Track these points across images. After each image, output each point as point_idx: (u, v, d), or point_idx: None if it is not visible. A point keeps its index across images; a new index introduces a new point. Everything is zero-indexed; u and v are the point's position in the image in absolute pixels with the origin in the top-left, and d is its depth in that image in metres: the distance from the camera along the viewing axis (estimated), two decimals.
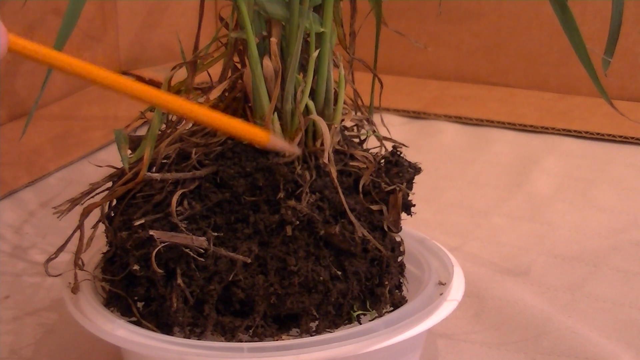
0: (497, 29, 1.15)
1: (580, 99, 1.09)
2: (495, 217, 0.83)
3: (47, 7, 1.02)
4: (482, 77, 1.17)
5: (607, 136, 0.99)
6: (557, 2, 0.55)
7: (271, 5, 0.54)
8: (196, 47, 0.61)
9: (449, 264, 0.59)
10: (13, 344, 0.63)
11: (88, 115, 1.07)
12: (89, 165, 0.90)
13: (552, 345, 0.62)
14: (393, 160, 0.58)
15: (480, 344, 0.63)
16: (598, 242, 0.77)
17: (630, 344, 0.62)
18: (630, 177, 0.90)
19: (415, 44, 1.00)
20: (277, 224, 0.53)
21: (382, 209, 0.56)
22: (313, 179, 0.53)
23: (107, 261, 0.56)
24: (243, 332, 0.52)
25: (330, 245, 0.53)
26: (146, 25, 1.21)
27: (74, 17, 0.53)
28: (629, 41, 1.06)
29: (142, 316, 0.54)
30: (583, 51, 0.56)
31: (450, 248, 0.65)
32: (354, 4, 0.62)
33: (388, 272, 0.55)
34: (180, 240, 0.51)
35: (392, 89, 0.82)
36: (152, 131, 0.55)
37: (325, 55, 0.55)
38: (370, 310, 0.54)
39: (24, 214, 0.83)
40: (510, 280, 0.71)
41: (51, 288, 0.70)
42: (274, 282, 0.52)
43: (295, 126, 0.54)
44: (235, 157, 0.55)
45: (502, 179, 0.91)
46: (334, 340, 0.50)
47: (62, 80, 1.09)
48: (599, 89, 0.57)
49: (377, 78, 0.63)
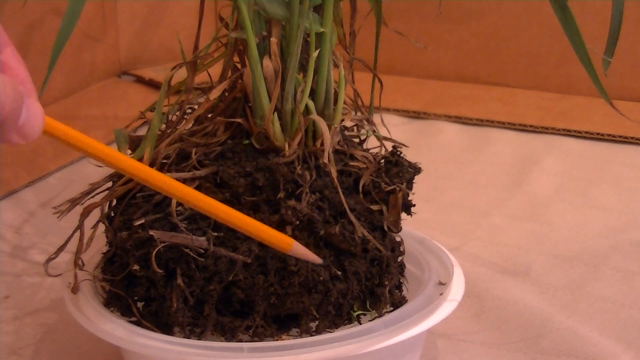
0: (497, 29, 1.15)
1: (580, 99, 1.09)
2: (495, 217, 0.83)
3: (47, 7, 1.02)
4: (482, 77, 1.17)
5: (607, 136, 0.99)
6: (557, 2, 0.55)
7: (271, 5, 0.54)
8: (196, 47, 0.61)
9: (449, 264, 0.59)
10: (13, 344, 0.63)
11: (88, 115, 1.07)
12: (89, 165, 0.89)
13: (552, 345, 0.62)
14: (393, 160, 0.58)
15: (480, 344, 0.63)
16: (598, 242, 0.77)
17: (630, 344, 0.62)
18: (630, 177, 0.90)
19: (415, 44, 1.00)
20: (277, 224, 0.53)
21: (382, 209, 0.56)
22: (313, 179, 0.53)
23: (107, 261, 0.56)
24: (243, 332, 0.52)
25: (330, 245, 0.53)
26: (146, 25, 1.21)
27: (74, 17, 0.53)
28: (629, 41, 1.06)
29: (142, 316, 0.54)
30: (583, 51, 0.56)
31: (450, 248, 0.65)
32: (354, 4, 0.62)
33: (388, 272, 0.55)
34: (180, 240, 0.51)
35: (392, 89, 0.82)
36: (152, 131, 0.55)
37: (325, 55, 0.55)
38: (370, 310, 0.54)
39: (24, 214, 0.83)
40: (510, 280, 0.71)
41: (51, 288, 0.70)
42: (274, 282, 0.52)
43: (295, 126, 0.54)
44: (235, 157, 0.55)
45: (502, 179, 0.91)
46: (334, 340, 0.50)
47: (62, 80, 1.09)
48: (599, 89, 0.57)
49: (377, 78, 0.63)
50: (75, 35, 1.08)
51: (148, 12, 1.20)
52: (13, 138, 0.41)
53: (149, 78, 1.17)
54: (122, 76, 1.20)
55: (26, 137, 0.41)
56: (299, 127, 0.54)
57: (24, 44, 1.00)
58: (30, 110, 0.41)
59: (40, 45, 1.02)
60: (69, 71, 1.10)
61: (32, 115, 0.42)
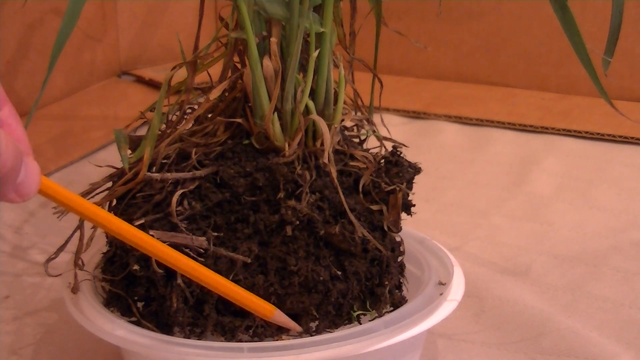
0: (497, 29, 1.15)
1: (580, 99, 1.09)
2: (495, 217, 0.83)
3: (47, 7, 1.03)
4: (482, 77, 1.17)
5: (607, 136, 0.99)
6: (557, 2, 0.55)
7: (271, 5, 0.54)
8: (196, 47, 0.61)
9: (449, 264, 0.59)
10: (13, 344, 0.63)
11: (88, 115, 1.07)
12: (89, 165, 0.90)
13: (552, 345, 0.62)
14: (393, 160, 0.58)
15: (480, 344, 0.63)
16: (598, 242, 0.77)
17: (630, 344, 0.62)
18: (630, 177, 0.90)
19: (415, 44, 1.00)
20: (277, 224, 0.53)
21: (382, 209, 0.56)
22: (313, 179, 0.53)
23: (107, 261, 0.56)
24: (243, 332, 0.52)
25: (330, 245, 0.53)
26: (146, 25, 1.21)
27: (74, 17, 0.53)
28: (629, 41, 1.06)
29: (142, 316, 0.54)
30: (583, 51, 0.56)
31: (450, 248, 0.65)
32: (354, 4, 0.62)
33: (388, 272, 0.55)
34: (180, 240, 0.51)
35: (392, 89, 0.82)
36: (152, 131, 0.55)
37: (325, 55, 0.55)
38: (370, 310, 0.54)
39: (24, 214, 0.83)
40: (510, 280, 0.71)
41: (51, 288, 0.70)
42: (274, 282, 0.52)
43: (295, 126, 0.54)
44: (235, 157, 0.55)
45: (502, 179, 0.91)
46: (334, 340, 0.50)
47: (62, 80, 1.09)
48: (599, 89, 0.57)
49: (377, 78, 0.63)
50: (75, 35, 1.09)
51: (148, 12, 1.20)
52: (10, 196, 0.41)
53: (149, 78, 1.17)
54: (122, 76, 1.20)
55: (23, 195, 0.42)
56: (299, 127, 0.54)
57: (24, 44, 1.00)
58: (28, 168, 0.42)
59: (40, 45, 1.02)
60: (69, 71, 1.10)
61: (29, 173, 0.42)
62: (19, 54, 1.00)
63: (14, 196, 0.41)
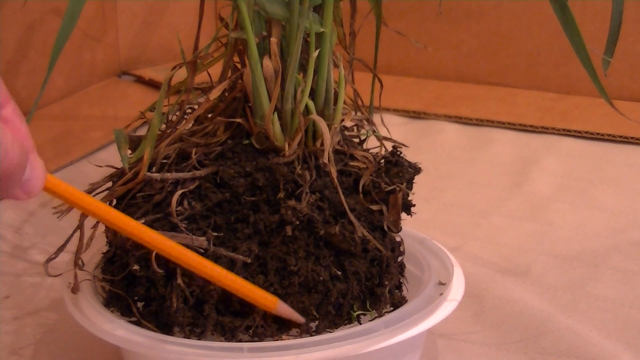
0: (497, 29, 1.15)
1: (580, 99, 1.09)
2: (495, 217, 0.83)
3: (47, 7, 1.03)
4: (482, 77, 1.17)
5: (607, 136, 0.99)
6: (557, 2, 0.55)
7: (271, 5, 0.54)
8: (196, 47, 0.61)
9: (449, 264, 0.59)
10: (13, 344, 0.63)
11: (88, 115, 1.07)
12: (89, 165, 0.90)
13: (552, 345, 0.62)
14: (393, 160, 0.58)
15: (480, 344, 0.63)
16: (598, 242, 0.77)
17: (630, 344, 0.62)
18: (630, 177, 0.90)
19: (415, 44, 1.00)
20: (277, 224, 0.53)
21: (382, 209, 0.56)
22: (313, 179, 0.53)
23: (107, 261, 0.56)
24: (243, 332, 0.52)
25: (330, 245, 0.53)
26: (146, 25, 1.21)
27: (74, 17, 0.53)
28: (629, 41, 1.06)
29: (142, 316, 0.54)
30: (583, 51, 0.56)
31: (450, 248, 0.65)
32: (354, 4, 0.62)
33: (388, 272, 0.55)
34: (180, 240, 0.51)
35: (392, 89, 0.82)
36: (152, 131, 0.55)
37: (325, 55, 0.55)
38: (370, 310, 0.54)
39: (24, 214, 0.83)
40: (510, 280, 0.71)
41: (51, 288, 0.70)
42: (274, 282, 0.52)
43: (295, 126, 0.54)
44: (235, 157, 0.55)
45: (502, 179, 0.91)
46: (334, 340, 0.50)
47: (62, 80, 1.09)
48: (599, 89, 0.57)
49: (377, 78, 0.63)
50: (75, 35, 1.09)
51: (148, 12, 1.20)
52: (17, 193, 0.42)
53: (149, 78, 1.17)
54: (122, 76, 1.20)
55: (29, 192, 0.42)
56: (299, 127, 0.54)
57: (24, 44, 1.00)
58: (34, 165, 0.43)
59: (40, 45, 1.02)
60: (69, 71, 1.10)
61: (35, 170, 0.43)
62: (19, 54, 1.00)
63: (20, 193, 0.42)
